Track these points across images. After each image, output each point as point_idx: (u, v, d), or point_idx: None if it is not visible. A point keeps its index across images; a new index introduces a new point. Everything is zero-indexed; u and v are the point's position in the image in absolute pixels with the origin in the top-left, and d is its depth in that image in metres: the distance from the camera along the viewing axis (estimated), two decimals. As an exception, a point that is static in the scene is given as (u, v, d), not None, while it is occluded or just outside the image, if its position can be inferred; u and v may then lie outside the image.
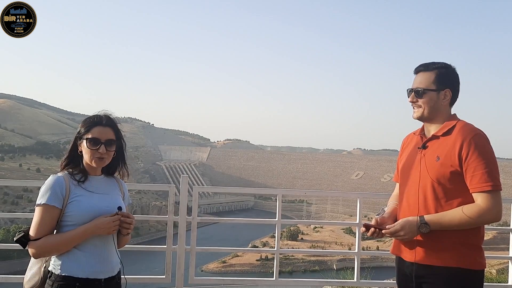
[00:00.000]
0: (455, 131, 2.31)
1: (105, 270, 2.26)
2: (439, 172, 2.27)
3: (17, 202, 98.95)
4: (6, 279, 4.09)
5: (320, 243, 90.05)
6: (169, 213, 4.16)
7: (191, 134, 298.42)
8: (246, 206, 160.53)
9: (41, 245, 2.15)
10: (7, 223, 79.18)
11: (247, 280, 5.19)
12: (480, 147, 2.23)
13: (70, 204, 2.19)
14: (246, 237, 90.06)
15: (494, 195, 2.20)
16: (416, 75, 2.44)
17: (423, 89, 2.38)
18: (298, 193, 10.60)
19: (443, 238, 2.26)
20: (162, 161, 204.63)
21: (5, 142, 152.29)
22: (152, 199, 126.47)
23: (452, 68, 2.42)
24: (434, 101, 2.38)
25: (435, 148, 2.34)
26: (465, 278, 2.25)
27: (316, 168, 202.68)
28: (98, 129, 2.29)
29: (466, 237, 2.27)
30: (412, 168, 2.42)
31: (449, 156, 2.27)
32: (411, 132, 2.64)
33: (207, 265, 76.41)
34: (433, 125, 2.42)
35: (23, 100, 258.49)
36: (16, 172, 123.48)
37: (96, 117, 2.34)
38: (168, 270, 4.19)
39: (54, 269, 2.18)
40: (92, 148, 2.26)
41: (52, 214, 2.17)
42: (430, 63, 2.42)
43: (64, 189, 2.19)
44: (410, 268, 2.36)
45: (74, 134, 2.35)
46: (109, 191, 2.35)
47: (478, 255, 2.30)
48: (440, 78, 2.37)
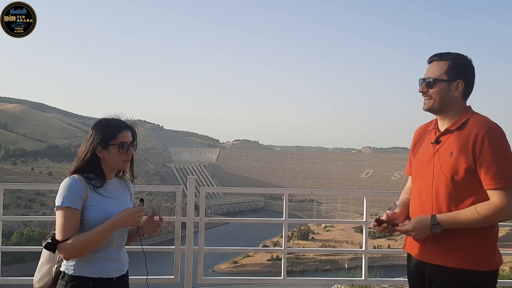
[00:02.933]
0: (469, 125, 2.21)
1: (116, 269, 2.29)
2: (453, 169, 2.18)
3: (30, 206, 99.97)
4: (20, 281, 4.15)
5: (331, 242, 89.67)
6: (176, 213, 4.19)
7: (200, 135, 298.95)
8: (256, 206, 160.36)
9: (72, 245, 2.14)
10: (20, 226, 79.98)
11: (255, 280, 5.21)
12: (494, 142, 2.12)
13: (87, 208, 2.21)
14: (257, 237, 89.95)
15: (510, 192, 2.09)
16: (429, 65, 2.34)
17: (434, 78, 2.27)
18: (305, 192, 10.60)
19: (457, 237, 2.18)
20: (172, 163, 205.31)
21: (17, 147, 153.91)
22: (162, 200, 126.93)
23: (468, 59, 2.31)
24: (445, 92, 2.26)
25: (449, 143, 2.24)
26: (476, 280, 2.17)
27: (326, 167, 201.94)
28: (124, 133, 2.33)
29: (480, 236, 2.18)
30: (425, 164, 2.33)
31: (463, 151, 2.16)
32: (424, 124, 2.53)
33: (218, 266, 76.51)
34: (446, 118, 2.31)
35: (34, 105, 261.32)
36: (28, 176, 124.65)
37: (118, 121, 2.36)
38: (177, 271, 4.22)
39: (67, 270, 2.20)
40: (122, 152, 2.30)
41: (75, 215, 2.17)
42: (445, 53, 2.32)
43: (82, 191, 2.20)
44: (422, 266, 2.29)
45: (87, 138, 2.33)
46: (120, 195, 2.38)
47: (492, 255, 2.22)
48: (453, 68, 2.26)
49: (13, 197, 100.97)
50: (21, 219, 8.91)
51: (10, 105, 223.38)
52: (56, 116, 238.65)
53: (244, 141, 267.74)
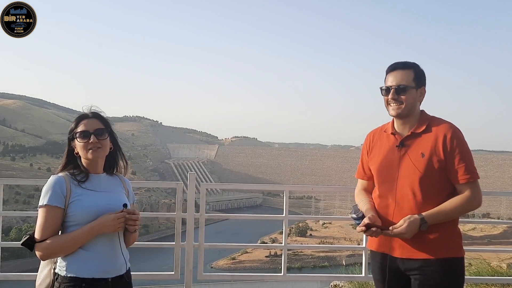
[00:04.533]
0: (434, 128, 2.42)
1: (111, 269, 2.22)
2: (427, 168, 2.36)
3: (29, 202, 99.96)
4: (19, 277, 4.15)
5: (329, 239, 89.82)
6: (177, 210, 4.19)
7: (199, 132, 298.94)
8: (255, 203, 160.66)
9: (47, 247, 2.12)
10: (19, 222, 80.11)
11: (255, 276, 5.21)
12: (461, 141, 2.37)
13: (71, 204, 2.17)
14: (256, 234, 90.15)
15: (477, 185, 2.40)
16: (393, 73, 2.47)
17: (406, 86, 2.42)
18: (305, 188, 10.62)
19: (433, 229, 2.35)
20: (171, 159, 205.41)
21: (15, 142, 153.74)
22: (161, 197, 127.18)
23: (421, 67, 2.51)
24: (414, 98, 2.44)
25: (417, 145, 2.42)
26: (458, 266, 2.38)
27: (324, 164, 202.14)
28: (85, 122, 2.29)
29: (452, 225, 2.41)
30: (394, 166, 2.45)
31: (434, 151, 2.37)
32: (375, 128, 2.67)
33: (217, 262, 76.58)
34: (408, 123, 2.47)
35: (32, 101, 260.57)
36: (27, 172, 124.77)
37: (84, 113, 2.35)
38: (177, 267, 4.22)
39: (60, 271, 2.16)
40: (83, 140, 2.24)
41: (55, 215, 2.14)
42: (406, 62, 2.48)
43: (64, 188, 2.17)
44: (396, 263, 2.41)
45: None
46: (111, 188, 2.32)
47: (461, 242, 2.44)
48: (418, 76, 2.45)
49: (12, 192, 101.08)
50: (19, 215, 8.89)
51: (9, 101, 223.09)
52: (55, 112, 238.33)
53: (243, 138, 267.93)
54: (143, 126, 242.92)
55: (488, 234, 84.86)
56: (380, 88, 2.51)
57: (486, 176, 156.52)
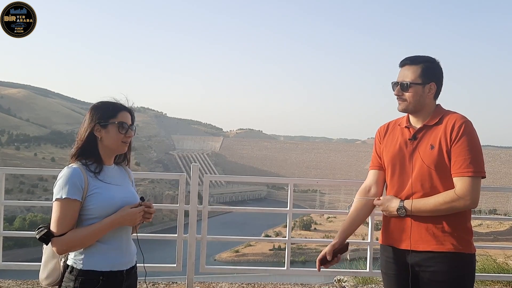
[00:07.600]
0: (445, 120, 2.36)
1: (126, 261, 2.22)
2: (436, 160, 2.30)
3: (33, 191, 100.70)
4: (23, 267, 4.15)
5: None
6: (179, 202, 4.16)
7: (204, 123, 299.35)
8: (259, 195, 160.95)
9: (68, 241, 2.06)
10: (23, 211, 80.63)
11: (258, 269, 5.18)
12: (467, 133, 2.27)
13: (90, 197, 2.11)
14: (260, 227, 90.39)
15: (473, 182, 2.22)
16: (402, 68, 2.46)
17: (409, 82, 2.39)
18: (310, 182, 10.50)
19: (442, 223, 2.29)
20: (175, 151, 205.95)
21: (20, 132, 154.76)
22: (165, 188, 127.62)
23: (437, 62, 2.45)
24: (420, 94, 2.40)
25: (427, 137, 2.38)
26: (466, 262, 2.30)
27: (330, 157, 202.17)
28: (124, 114, 2.24)
29: (462, 220, 2.32)
30: (404, 160, 2.42)
31: (442, 142, 2.30)
32: (390, 121, 2.65)
33: (220, 254, 76.96)
34: (420, 117, 2.45)
35: (37, 90, 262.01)
36: (31, 161, 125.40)
37: (117, 103, 2.28)
38: (179, 259, 4.21)
39: (76, 264, 2.10)
40: (122, 132, 2.21)
41: (74, 208, 2.08)
42: (416, 56, 2.44)
43: (83, 181, 2.10)
44: (405, 256, 2.37)
45: (84, 120, 2.23)
46: (122, 181, 2.30)
47: (472, 238, 2.35)
48: (426, 72, 2.40)
49: (16, 182, 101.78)
50: (23, 204, 8.94)
51: (14, 90, 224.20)
52: (60, 102, 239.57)
53: (248, 130, 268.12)
54: (147, 117, 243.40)
55: (494, 231, 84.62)
56: (391, 83, 2.50)
57: (493, 172, 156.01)
